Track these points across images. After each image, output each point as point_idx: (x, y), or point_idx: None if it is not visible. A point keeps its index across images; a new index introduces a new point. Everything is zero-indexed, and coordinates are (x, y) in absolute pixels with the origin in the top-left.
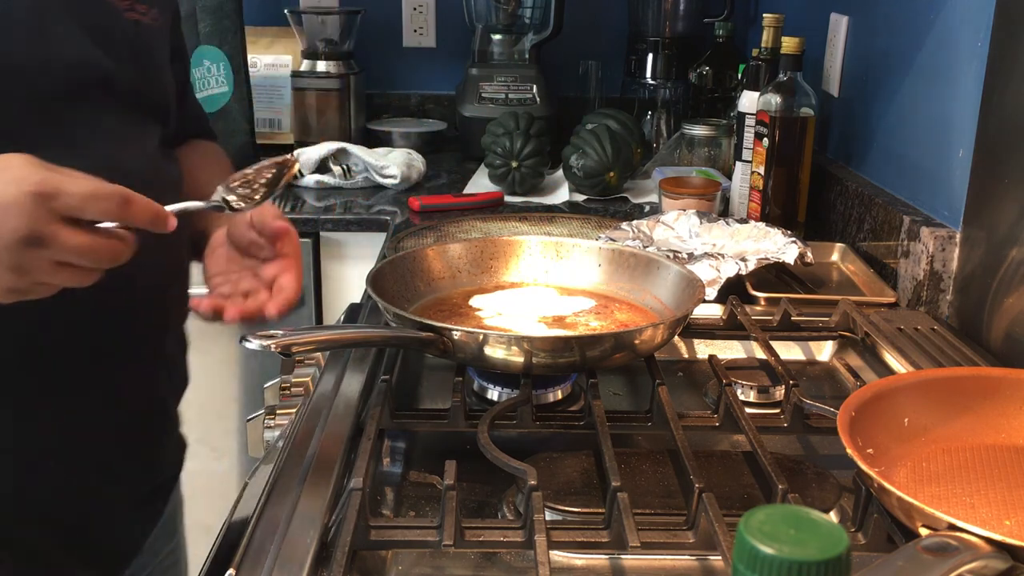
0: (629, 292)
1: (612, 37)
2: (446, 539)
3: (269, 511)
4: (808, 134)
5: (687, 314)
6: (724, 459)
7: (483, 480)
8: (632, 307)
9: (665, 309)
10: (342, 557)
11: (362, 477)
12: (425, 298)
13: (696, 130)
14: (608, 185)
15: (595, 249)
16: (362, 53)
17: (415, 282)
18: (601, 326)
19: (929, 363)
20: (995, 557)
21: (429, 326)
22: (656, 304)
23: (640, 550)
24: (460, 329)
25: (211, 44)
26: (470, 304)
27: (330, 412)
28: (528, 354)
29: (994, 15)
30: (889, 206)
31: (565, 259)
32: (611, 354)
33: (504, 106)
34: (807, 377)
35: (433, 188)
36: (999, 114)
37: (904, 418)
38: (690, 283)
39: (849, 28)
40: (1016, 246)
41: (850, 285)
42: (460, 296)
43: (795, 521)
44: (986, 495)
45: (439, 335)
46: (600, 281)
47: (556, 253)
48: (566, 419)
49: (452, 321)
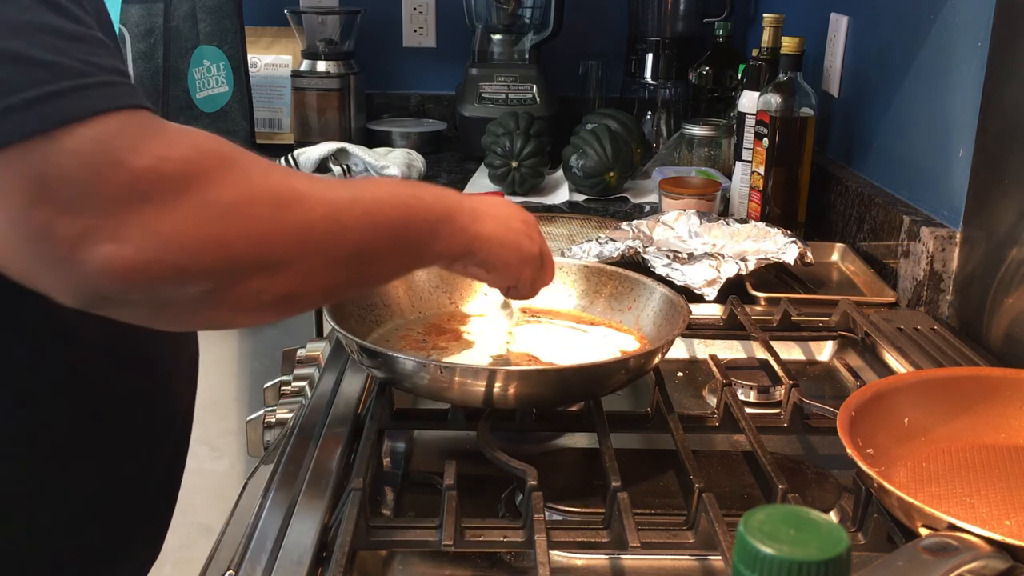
0: (604, 315)
1: (612, 37)
2: (446, 539)
3: (269, 511)
4: (808, 134)
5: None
6: (724, 459)
7: (483, 480)
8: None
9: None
10: (342, 557)
11: (362, 477)
12: (384, 325)
13: (696, 130)
14: (608, 185)
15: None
16: (362, 53)
17: (374, 309)
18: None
19: (929, 363)
20: (995, 557)
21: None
22: (634, 323)
23: (640, 550)
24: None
25: (211, 44)
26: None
27: (330, 412)
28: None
29: (994, 15)
30: (889, 206)
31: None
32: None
33: (504, 106)
34: (807, 377)
35: None
36: (999, 114)
37: (904, 418)
38: (673, 307)
39: (849, 28)
40: (1016, 246)
41: (850, 285)
42: (427, 326)
43: (795, 521)
44: (986, 495)
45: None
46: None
47: None
48: (566, 419)
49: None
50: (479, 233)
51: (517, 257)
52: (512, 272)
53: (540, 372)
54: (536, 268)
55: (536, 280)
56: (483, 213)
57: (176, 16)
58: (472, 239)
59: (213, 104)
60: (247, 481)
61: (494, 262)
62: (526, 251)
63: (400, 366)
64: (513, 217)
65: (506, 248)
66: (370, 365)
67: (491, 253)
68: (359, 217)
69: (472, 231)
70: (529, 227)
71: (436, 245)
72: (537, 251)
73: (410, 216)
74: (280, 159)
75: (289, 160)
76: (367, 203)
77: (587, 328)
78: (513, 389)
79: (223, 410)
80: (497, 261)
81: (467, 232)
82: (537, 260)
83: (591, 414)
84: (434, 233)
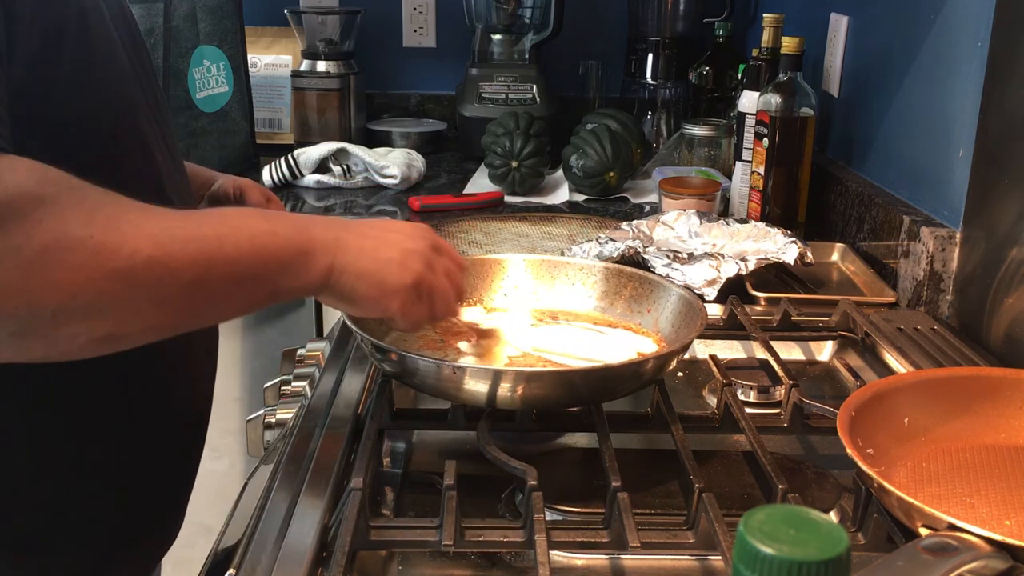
0: (623, 317)
1: (612, 37)
2: (446, 539)
3: (269, 511)
4: (808, 134)
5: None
6: (724, 459)
7: (483, 480)
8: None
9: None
10: (342, 557)
11: (362, 477)
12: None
13: (696, 130)
14: (608, 185)
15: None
16: (362, 53)
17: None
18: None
19: (929, 363)
20: (995, 557)
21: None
22: (653, 326)
23: (640, 550)
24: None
25: (211, 44)
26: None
27: (330, 412)
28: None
29: (994, 15)
30: (889, 206)
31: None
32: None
33: (504, 106)
34: (807, 377)
35: (433, 188)
36: (999, 114)
37: (904, 418)
38: (691, 309)
39: (849, 28)
40: (1016, 246)
41: (850, 285)
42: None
43: (795, 521)
44: (986, 495)
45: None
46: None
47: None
48: (566, 419)
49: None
50: (334, 266)
51: (377, 290)
52: (375, 305)
53: (585, 372)
54: (405, 301)
55: (411, 313)
56: (347, 244)
57: (176, 16)
58: (327, 273)
59: (213, 104)
60: (247, 481)
61: (351, 295)
62: (391, 283)
63: (412, 365)
64: (386, 244)
65: (363, 280)
66: (387, 366)
67: (346, 286)
68: (192, 256)
69: (326, 264)
70: (406, 256)
71: (289, 281)
72: (409, 282)
73: (255, 252)
74: (280, 159)
75: (289, 160)
76: (205, 241)
77: (605, 330)
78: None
79: (223, 410)
80: (354, 295)
81: (320, 266)
82: (408, 292)
83: (591, 414)
84: (284, 270)
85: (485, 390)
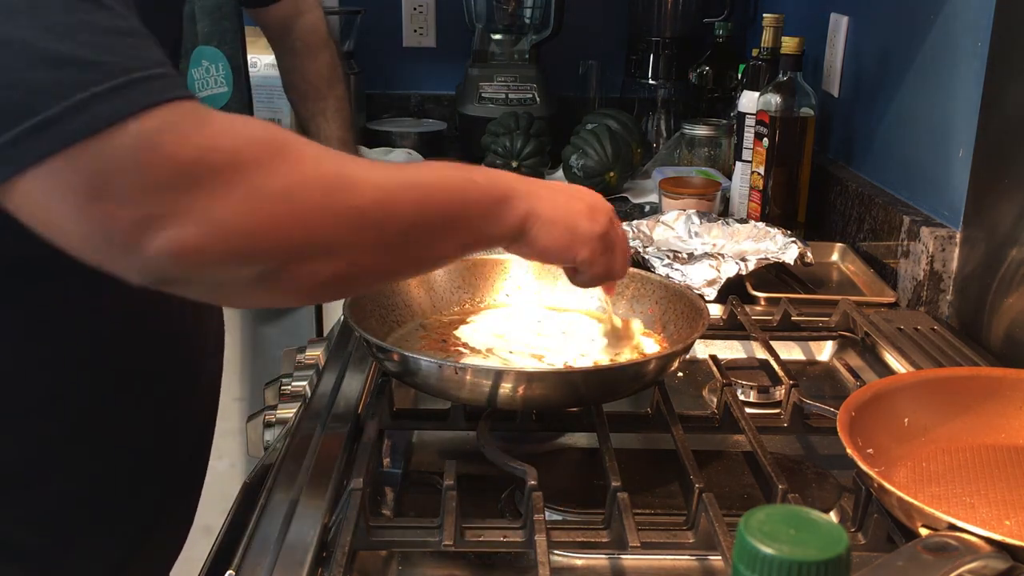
0: (626, 316)
1: (612, 37)
2: (446, 539)
3: (269, 511)
4: (808, 134)
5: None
6: (724, 459)
7: (483, 480)
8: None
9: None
10: (342, 557)
11: (362, 477)
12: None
13: (696, 130)
14: (608, 185)
15: None
16: (362, 53)
17: (394, 310)
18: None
19: (929, 363)
20: (995, 557)
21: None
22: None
23: (640, 550)
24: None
25: (211, 44)
26: (455, 335)
27: (330, 412)
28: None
29: (994, 15)
30: (889, 206)
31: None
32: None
33: (504, 106)
34: (807, 377)
35: None
36: (999, 114)
37: (904, 418)
38: (695, 309)
39: (849, 28)
40: (1016, 246)
41: (850, 285)
42: (445, 325)
43: (795, 521)
44: (986, 495)
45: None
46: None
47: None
48: (566, 419)
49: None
50: (530, 212)
51: (569, 237)
52: (565, 252)
53: (597, 372)
54: (595, 250)
55: (597, 263)
56: (539, 194)
57: None
58: (524, 219)
59: (213, 104)
60: (247, 481)
61: (543, 243)
62: (582, 231)
63: (413, 365)
64: (575, 198)
65: (557, 227)
66: (389, 366)
67: (540, 232)
68: (411, 202)
69: (523, 211)
70: (593, 209)
71: (490, 228)
72: (599, 231)
73: (464, 199)
74: None
75: None
76: (420, 188)
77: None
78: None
79: (223, 410)
80: (548, 241)
81: (518, 213)
82: (596, 241)
83: (591, 414)
84: (488, 216)
85: (486, 390)
